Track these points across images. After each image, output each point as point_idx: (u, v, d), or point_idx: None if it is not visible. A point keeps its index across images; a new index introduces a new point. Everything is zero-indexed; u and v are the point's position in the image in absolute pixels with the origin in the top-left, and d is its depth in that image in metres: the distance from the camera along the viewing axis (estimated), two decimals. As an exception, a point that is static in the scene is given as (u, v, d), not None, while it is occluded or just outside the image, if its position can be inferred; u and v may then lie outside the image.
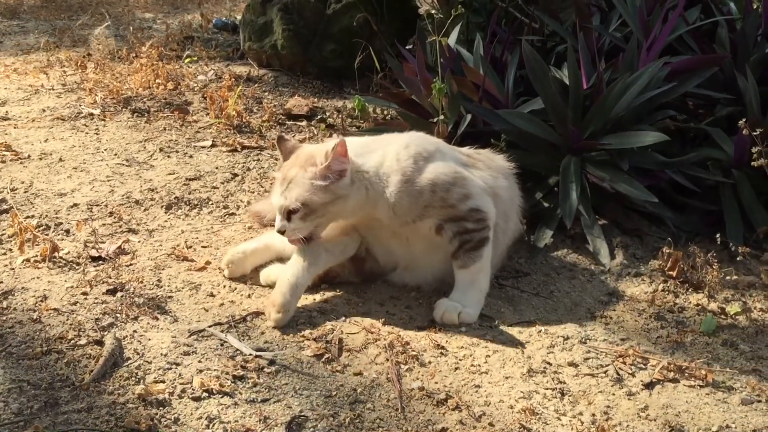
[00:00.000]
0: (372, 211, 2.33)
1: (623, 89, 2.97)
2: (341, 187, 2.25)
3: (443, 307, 2.31)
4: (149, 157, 3.47)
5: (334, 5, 4.73)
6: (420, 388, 1.99)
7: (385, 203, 2.29)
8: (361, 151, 2.34)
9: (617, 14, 3.57)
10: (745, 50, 3.30)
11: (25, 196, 3.00)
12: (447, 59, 3.32)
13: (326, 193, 2.24)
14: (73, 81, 4.49)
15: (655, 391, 2.05)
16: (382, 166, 2.31)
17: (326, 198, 2.24)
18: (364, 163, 2.31)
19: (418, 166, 2.30)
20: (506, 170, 2.56)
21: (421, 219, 2.30)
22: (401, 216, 2.30)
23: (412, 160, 2.31)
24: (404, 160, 2.31)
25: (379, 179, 2.30)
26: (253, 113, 4.08)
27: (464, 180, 2.32)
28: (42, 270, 2.46)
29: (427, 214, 2.30)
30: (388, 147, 2.36)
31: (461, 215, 2.29)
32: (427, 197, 2.28)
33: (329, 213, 2.28)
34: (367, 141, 2.46)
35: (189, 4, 7.18)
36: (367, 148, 2.37)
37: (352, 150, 2.29)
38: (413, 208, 2.29)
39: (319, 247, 2.35)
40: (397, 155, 2.32)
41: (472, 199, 2.30)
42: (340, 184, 2.25)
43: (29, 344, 2.06)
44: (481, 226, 2.30)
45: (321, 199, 2.24)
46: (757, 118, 2.95)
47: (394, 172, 2.29)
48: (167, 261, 2.58)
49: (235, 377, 1.97)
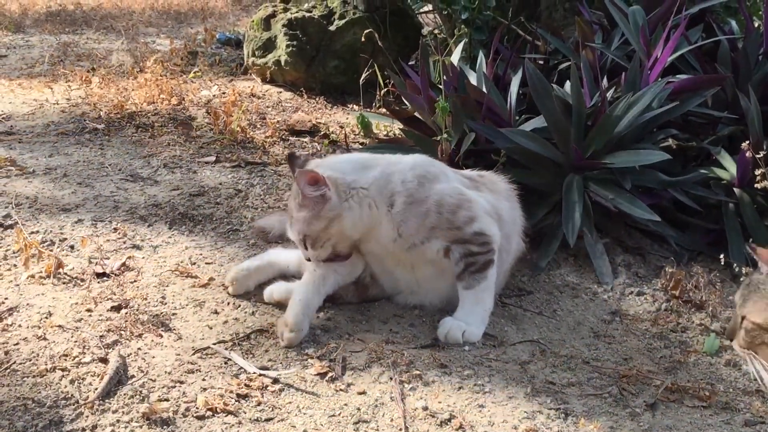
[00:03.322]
0: (376, 232, 2.33)
1: (626, 108, 2.99)
2: (330, 209, 2.26)
3: (448, 326, 2.31)
4: (153, 172, 3.48)
5: (338, 22, 4.76)
6: (424, 407, 1.99)
7: (389, 224, 2.30)
8: (356, 167, 2.35)
9: (620, 33, 3.60)
10: (746, 69, 3.33)
11: (30, 212, 3.01)
12: (450, 77, 3.35)
13: (318, 220, 2.27)
14: (77, 95, 4.51)
15: (658, 411, 2.05)
16: (386, 185, 2.32)
17: (321, 224, 2.27)
18: (358, 179, 2.32)
19: (424, 188, 2.31)
20: (508, 192, 2.58)
21: (428, 241, 2.31)
22: (407, 238, 2.31)
23: (417, 181, 2.32)
24: (409, 181, 2.32)
25: (382, 198, 2.31)
26: (257, 129, 4.10)
27: (470, 202, 2.34)
28: (47, 286, 2.47)
29: (433, 236, 2.31)
30: (390, 166, 2.37)
31: (466, 238, 2.30)
32: (433, 219, 2.29)
33: (333, 235, 2.30)
34: (365, 158, 2.47)
35: (193, 18, 7.23)
36: (364, 165, 2.38)
37: (347, 167, 2.32)
38: (420, 229, 2.30)
39: (329, 268, 2.36)
40: (402, 176, 2.33)
41: (477, 222, 2.31)
42: (327, 208, 2.26)
43: (34, 361, 2.06)
44: (486, 249, 2.31)
45: (317, 227, 2.27)
46: (759, 138, 2.97)
47: (399, 193, 2.30)
48: (171, 277, 2.59)
49: (239, 396, 1.97)
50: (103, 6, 7.54)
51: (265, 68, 4.85)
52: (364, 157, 2.49)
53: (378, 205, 2.31)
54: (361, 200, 2.30)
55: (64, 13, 7.09)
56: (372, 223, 2.32)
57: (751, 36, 3.47)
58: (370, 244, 2.38)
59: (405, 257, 2.37)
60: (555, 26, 4.01)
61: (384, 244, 2.34)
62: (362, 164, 2.39)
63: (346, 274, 2.42)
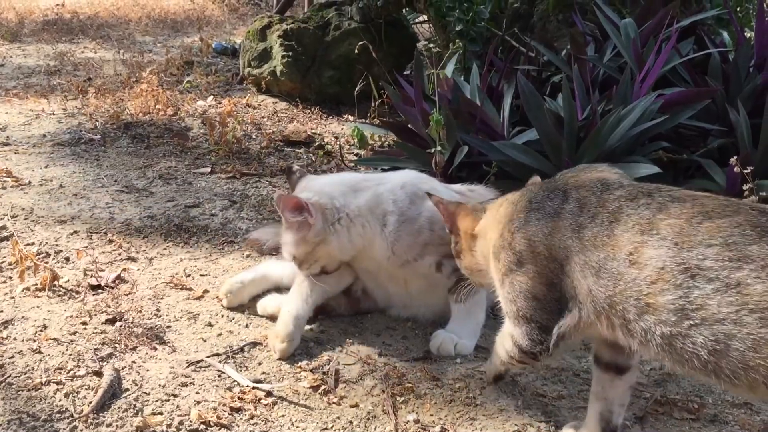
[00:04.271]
0: (369, 250, 2.35)
1: (617, 121, 3.02)
2: (315, 235, 2.28)
3: (440, 339, 2.33)
4: (149, 183, 3.51)
5: (333, 32, 4.79)
6: (415, 420, 2.01)
7: (383, 242, 2.32)
8: (345, 191, 2.35)
9: (612, 45, 3.63)
10: (737, 82, 3.36)
11: (26, 223, 3.03)
12: (444, 89, 3.38)
13: (304, 243, 2.29)
14: (73, 106, 4.53)
15: (647, 424, 2.07)
16: (378, 205, 2.34)
17: (307, 248, 2.30)
18: (347, 203, 2.32)
19: (416, 206, 2.33)
20: None
21: (421, 257, 2.33)
22: (400, 255, 2.33)
23: (408, 199, 2.34)
24: (401, 200, 2.34)
25: (374, 218, 2.33)
26: (252, 139, 4.12)
27: None
28: (42, 299, 2.49)
29: (426, 252, 2.33)
30: (380, 187, 2.38)
31: None
32: (426, 236, 2.31)
33: (320, 257, 2.33)
34: (355, 179, 2.45)
35: (189, 27, 7.26)
36: (354, 187, 2.37)
37: (335, 191, 2.33)
38: (413, 247, 2.32)
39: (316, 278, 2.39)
40: (393, 195, 2.35)
41: None
42: (312, 233, 2.28)
43: (29, 375, 2.08)
44: None
45: (303, 249, 2.30)
46: (748, 150, 3.00)
47: (391, 212, 2.32)
48: (166, 290, 2.61)
49: (233, 409, 1.99)
50: (100, 15, 7.57)
51: (261, 78, 4.88)
52: (355, 179, 2.47)
53: (370, 225, 2.32)
54: (349, 225, 2.31)
55: (60, 22, 7.12)
56: (363, 244, 2.34)
57: (741, 48, 3.50)
58: (363, 261, 2.40)
59: (398, 273, 2.39)
60: (548, 38, 4.05)
61: (378, 262, 2.37)
62: (352, 186, 2.38)
63: (333, 284, 2.44)
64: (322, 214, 2.29)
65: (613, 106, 3.20)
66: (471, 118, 3.27)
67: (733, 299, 1.34)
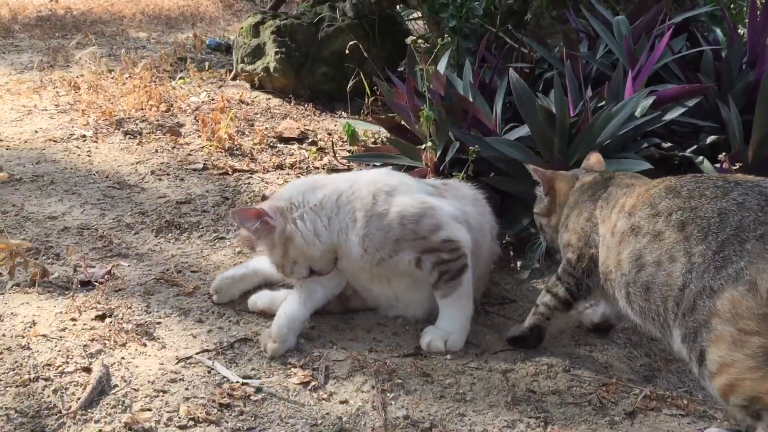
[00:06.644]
0: (345, 248, 2.36)
1: (609, 118, 3.01)
2: (278, 236, 2.34)
3: (430, 336, 2.34)
4: (141, 179, 3.49)
5: (326, 29, 4.78)
6: (405, 416, 2.01)
7: (355, 239, 2.33)
8: (305, 190, 2.42)
9: (604, 42, 3.62)
10: (729, 78, 3.36)
11: (17, 219, 3.02)
12: (436, 85, 3.37)
13: (275, 248, 2.37)
14: (66, 102, 4.51)
15: (637, 420, 2.07)
16: (347, 203, 2.36)
17: (279, 251, 2.36)
18: (307, 200, 2.38)
19: (383, 201, 2.34)
20: (474, 197, 2.60)
21: (396, 254, 2.33)
22: (373, 252, 2.33)
23: (372, 196, 2.35)
24: (365, 197, 2.35)
25: (343, 215, 2.35)
26: (245, 136, 4.11)
27: (433, 210, 2.35)
28: (31, 295, 2.48)
29: (400, 248, 2.33)
30: (345, 183, 2.42)
31: (435, 246, 2.31)
32: (397, 231, 2.31)
33: (296, 257, 2.36)
34: (317, 179, 2.54)
35: (183, 23, 7.23)
36: (314, 186, 2.44)
37: (294, 191, 2.41)
38: (385, 243, 2.32)
39: (315, 283, 2.39)
40: (360, 192, 2.37)
41: (443, 230, 2.32)
42: (276, 235, 2.35)
43: (17, 371, 2.07)
44: (457, 255, 2.33)
45: (277, 253, 2.37)
46: (739, 147, 3.00)
47: (359, 209, 2.34)
48: (156, 286, 2.60)
49: (222, 405, 1.99)
50: (94, 11, 7.52)
51: (254, 75, 4.86)
52: (317, 179, 2.56)
53: (339, 219, 2.35)
54: (313, 218, 2.35)
55: (54, 17, 7.08)
56: (334, 239, 2.36)
57: (734, 45, 3.50)
58: (342, 261, 2.41)
59: (378, 272, 2.39)
60: (541, 34, 4.04)
61: (354, 261, 2.37)
62: (311, 185, 2.44)
63: (334, 287, 2.45)
64: (281, 215, 2.35)
65: (605, 103, 3.20)
66: (463, 114, 3.26)
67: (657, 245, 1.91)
